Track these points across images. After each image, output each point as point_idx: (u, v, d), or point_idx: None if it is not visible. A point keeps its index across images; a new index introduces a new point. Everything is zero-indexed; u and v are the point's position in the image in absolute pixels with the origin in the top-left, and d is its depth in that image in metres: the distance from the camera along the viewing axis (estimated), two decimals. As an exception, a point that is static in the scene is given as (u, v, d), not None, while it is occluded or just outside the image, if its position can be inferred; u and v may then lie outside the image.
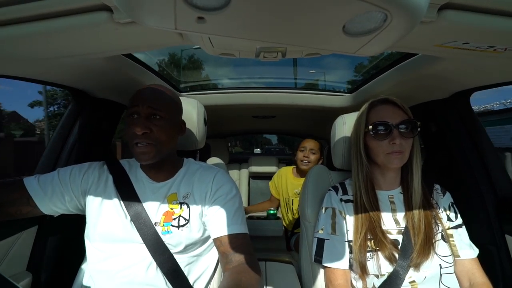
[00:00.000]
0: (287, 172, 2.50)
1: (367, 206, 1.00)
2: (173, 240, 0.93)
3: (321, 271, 1.07)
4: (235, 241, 0.93)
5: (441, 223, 1.00)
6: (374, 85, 1.66)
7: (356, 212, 1.02)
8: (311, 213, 1.17)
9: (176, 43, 0.82)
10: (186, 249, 0.95)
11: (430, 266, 0.92)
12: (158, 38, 0.80)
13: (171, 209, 0.97)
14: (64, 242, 1.29)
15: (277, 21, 0.45)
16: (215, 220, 0.96)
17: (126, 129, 0.95)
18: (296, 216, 2.33)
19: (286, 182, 2.44)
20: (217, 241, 0.95)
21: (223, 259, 0.94)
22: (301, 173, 2.38)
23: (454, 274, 0.96)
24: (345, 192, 1.10)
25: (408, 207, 1.00)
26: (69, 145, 1.34)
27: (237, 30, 0.49)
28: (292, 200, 2.36)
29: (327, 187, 1.17)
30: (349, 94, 2.05)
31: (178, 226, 0.95)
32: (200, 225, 0.98)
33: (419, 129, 0.99)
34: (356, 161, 1.07)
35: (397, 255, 0.93)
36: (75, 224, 1.12)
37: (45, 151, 1.34)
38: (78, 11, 0.65)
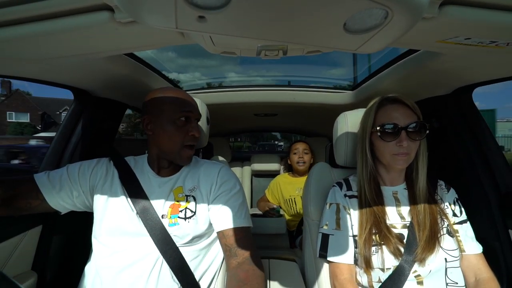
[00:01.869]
0: (284, 177, 2.60)
1: (371, 202, 1.00)
2: (180, 231, 0.96)
3: (325, 267, 1.07)
4: (239, 234, 0.97)
5: (447, 218, 1.00)
6: (376, 82, 1.66)
7: (361, 207, 1.02)
8: (314, 210, 1.18)
9: (177, 42, 0.82)
10: (192, 241, 0.97)
11: (435, 260, 0.92)
12: (159, 37, 0.80)
13: (177, 201, 1.00)
14: (69, 241, 1.30)
15: (278, 19, 0.45)
16: (219, 214, 1.00)
17: (174, 131, 1.01)
18: (300, 215, 2.32)
19: (285, 185, 2.49)
20: (220, 234, 0.99)
21: (226, 252, 0.98)
22: (298, 173, 2.50)
23: (459, 268, 0.95)
24: (349, 188, 1.10)
25: (413, 202, 1.00)
26: (72, 144, 1.35)
27: (238, 29, 0.49)
28: (295, 198, 2.37)
29: (330, 184, 1.17)
30: (351, 91, 2.04)
31: (185, 218, 0.98)
32: (207, 217, 1.00)
33: (427, 131, 0.98)
34: (361, 158, 1.07)
35: (402, 249, 0.93)
36: (79, 223, 1.13)
37: (48, 150, 1.35)
38: (79, 11, 0.65)
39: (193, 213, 0.99)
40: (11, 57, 0.86)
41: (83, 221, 1.08)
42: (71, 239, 1.31)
